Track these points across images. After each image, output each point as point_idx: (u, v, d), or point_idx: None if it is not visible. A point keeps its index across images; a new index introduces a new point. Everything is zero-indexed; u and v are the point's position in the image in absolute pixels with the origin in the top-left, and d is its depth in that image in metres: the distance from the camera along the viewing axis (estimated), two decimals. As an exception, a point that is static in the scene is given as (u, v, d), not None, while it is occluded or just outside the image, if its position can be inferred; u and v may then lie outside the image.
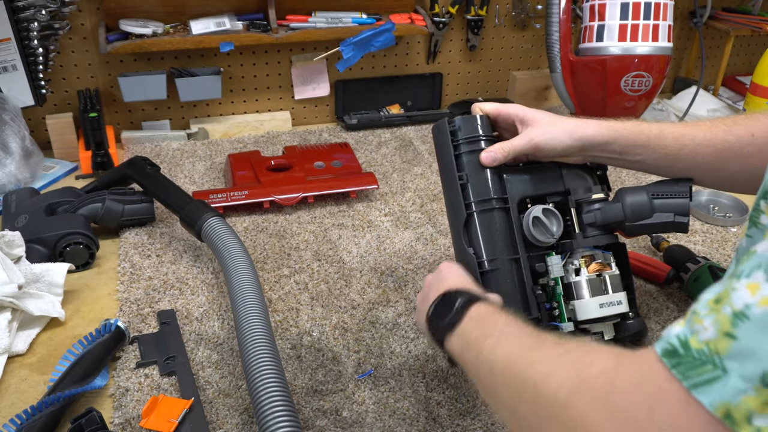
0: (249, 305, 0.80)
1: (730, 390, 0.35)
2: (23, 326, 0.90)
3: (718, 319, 0.36)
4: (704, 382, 0.36)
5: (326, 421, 0.77)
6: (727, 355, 0.35)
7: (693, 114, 1.63)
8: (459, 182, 0.82)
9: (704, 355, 0.36)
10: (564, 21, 1.35)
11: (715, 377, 0.35)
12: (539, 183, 0.82)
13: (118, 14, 1.38)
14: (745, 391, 0.34)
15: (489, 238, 0.80)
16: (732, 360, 0.35)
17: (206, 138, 1.52)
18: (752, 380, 0.34)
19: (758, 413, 0.34)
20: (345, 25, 1.47)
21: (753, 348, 0.35)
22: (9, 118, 1.28)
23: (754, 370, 0.34)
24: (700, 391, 0.36)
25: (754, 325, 0.35)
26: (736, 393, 0.34)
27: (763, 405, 0.34)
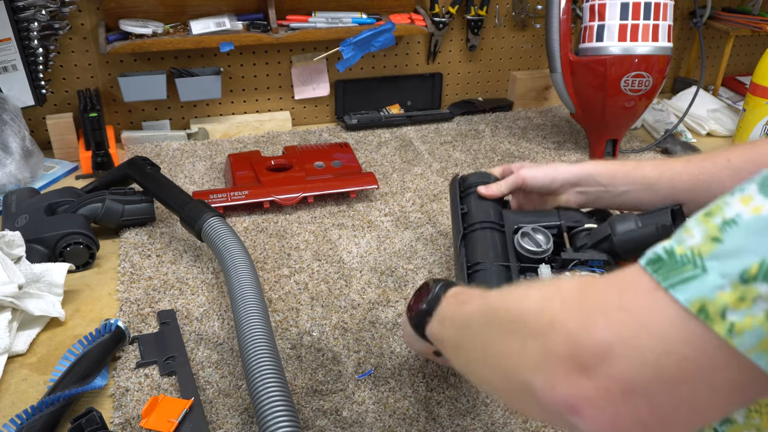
0: (249, 305, 0.80)
1: (707, 286, 0.35)
2: (23, 326, 0.90)
3: (706, 227, 0.36)
4: (682, 280, 0.36)
5: (326, 421, 0.77)
6: (710, 256, 0.35)
7: (693, 114, 1.63)
8: (460, 212, 0.93)
9: (686, 258, 0.36)
10: (564, 21, 1.35)
11: (694, 276, 0.35)
12: (535, 216, 0.89)
13: (118, 14, 1.38)
14: (722, 287, 0.34)
15: (482, 246, 0.87)
16: (713, 260, 0.35)
17: (206, 138, 1.52)
18: (730, 277, 0.34)
19: (733, 308, 0.34)
20: (345, 25, 1.47)
21: (737, 249, 0.34)
22: (9, 118, 1.28)
23: (734, 268, 0.34)
24: (677, 289, 0.36)
25: (742, 229, 0.35)
26: (713, 289, 0.34)
27: (739, 300, 0.34)
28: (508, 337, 0.45)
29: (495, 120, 1.65)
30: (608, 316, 0.38)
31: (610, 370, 0.36)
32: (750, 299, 0.33)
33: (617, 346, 0.36)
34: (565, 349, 0.38)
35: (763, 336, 0.33)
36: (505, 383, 0.45)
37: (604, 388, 0.37)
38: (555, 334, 0.40)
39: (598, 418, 0.37)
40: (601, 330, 0.37)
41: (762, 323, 0.33)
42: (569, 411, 0.38)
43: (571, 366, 0.38)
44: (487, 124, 1.63)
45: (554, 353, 0.39)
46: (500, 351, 0.45)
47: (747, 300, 0.33)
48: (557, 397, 0.39)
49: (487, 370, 0.48)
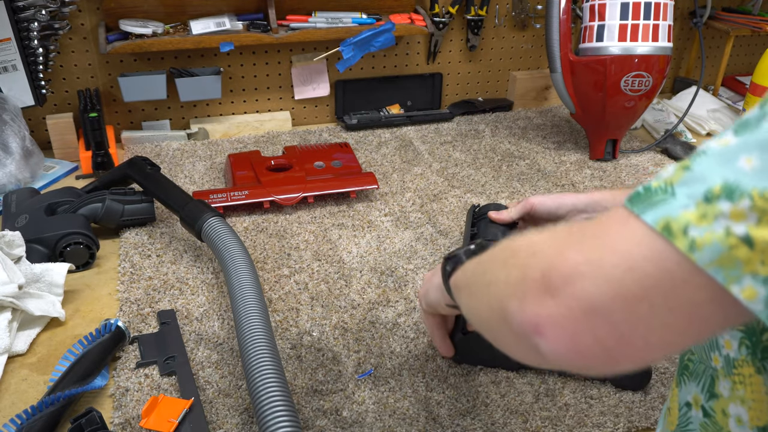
0: (249, 305, 0.80)
1: (673, 207, 0.36)
2: (23, 326, 0.90)
3: (680, 163, 0.38)
4: (651, 204, 0.37)
5: (326, 421, 0.77)
6: (679, 182, 0.37)
7: (693, 114, 1.63)
8: (470, 233, 1.00)
9: (660, 189, 0.38)
10: (564, 21, 1.35)
11: (663, 200, 0.37)
12: None
13: (118, 14, 1.38)
14: (686, 206, 0.36)
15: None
16: (682, 185, 0.37)
17: (206, 138, 1.52)
18: (695, 197, 0.36)
19: (695, 225, 0.35)
20: (345, 25, 1.47)
21: (703, 174, 0.36)
22: (9, 118, 1.28)
23: (699, 189, 0.36)
24: (646, 213, 0.37)
25: (709, 157, 0.37)
26: (677, 208, 0.36)
27: (701, 218, 0.35)
28: (499, 267, 0.47)
29: (495, 120, 1.65)
30: (582, 242, 0.39)
31: (574, 290, 0.38)
32: (711, 216, 0.35)
33: (583, 266, 0.38)
34: (539, 272, 0.40)
35: (722, 251, 0.34)
36: (488, 312, 0.47)
37: (567, 306, 0.38)
38: (533, 261, 0.42)
39: (559, 337, 0.39)
40: (572, 253, 0.39)
41: (721, 239, 0.34)
42: (533, 331, 0.40)
43: (540, 287, 0.40)
44: (487, 124, 1.63)
45: (529, 277, 0.41)
46: (489, 281, 0.48)
47: (708, 217, 0.35)
48: (524, 317, 0.40)
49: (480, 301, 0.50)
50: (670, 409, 0.61)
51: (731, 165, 0.35)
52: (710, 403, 0.55)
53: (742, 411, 0.52)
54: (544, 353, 0.40)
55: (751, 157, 0.35)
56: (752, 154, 0.35)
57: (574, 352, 0.39)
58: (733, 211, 0.34)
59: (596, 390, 0.83)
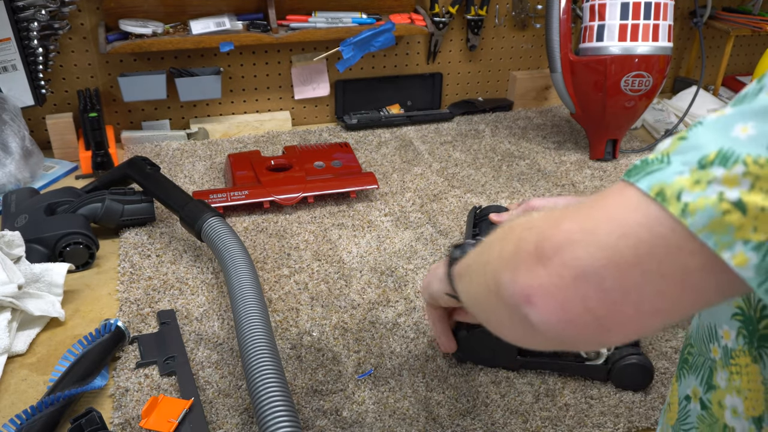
0: (249, 305, 0.80)
1: (667, 173, 0.36)
2: (23, 326, 0.90)
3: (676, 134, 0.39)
4: (647, 173, 0.37)
5: (326, 421, 0.77)
6: (674, 151, 0.37)
7: (693, 114, 1.63)
8: (472, 234, 1.00)
9: (657, 159, 0.38)
10: (564, 21, 1.35)
11: (659, 168, 0.37)
12: None
13: (118, 14, 1.38)
14: (681, 173, 0.36)
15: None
16: (677, 154, 0.37)
17: (206, 138, 1.52)
18: (690, 164, 0.36)
19: (688, 190, 0.35)
20: (345, 25, 1.47)
21: (699, 142, 0.36)
22: (9, 118, 1.28)
23: (693, 156, 0.36)
24: (641, 181, 0.37)
25: (705, 127, 0.37)
26: (672, 174, 0.36)
27: (694, 183, 0.35)
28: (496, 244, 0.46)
29: (495, 120, 1.65)
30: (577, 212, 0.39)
31: (564, 257, 0.38)
32: (705, 182, 0.35)
33: (576, 233, 0.38)
34: (532, 244, 0.40)
35: (714, 216, 0.34)
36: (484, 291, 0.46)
37: (557, 274, 0.38)
38: (528, 234, 0.41)
39: (549, 305, 0.38)
40: (566, 223, 0.39)
41: (714, 204, 0.34)
42: (524, 301, 0.39)
43: (533, 258, 0.39)
44: (487, 124, 1.62)
45: (523, 249, 0.41)
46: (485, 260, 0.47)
47: (702, 183, 0.35)
48: (515, 288, 0.40)
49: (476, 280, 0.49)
50: (671, 404, 0.61)
51: (726, 133, 0.35)
52: (708, 395, 0.55)
53: (738, 402, 0.52)
54: (534, 323, 0.40)
55: (747, 126, 0.35)
56: (748, 122, 0.35)
57: (564, 321, 0.38)
58: (726, 177, 0.34)
59: (596, 390, 0.83)
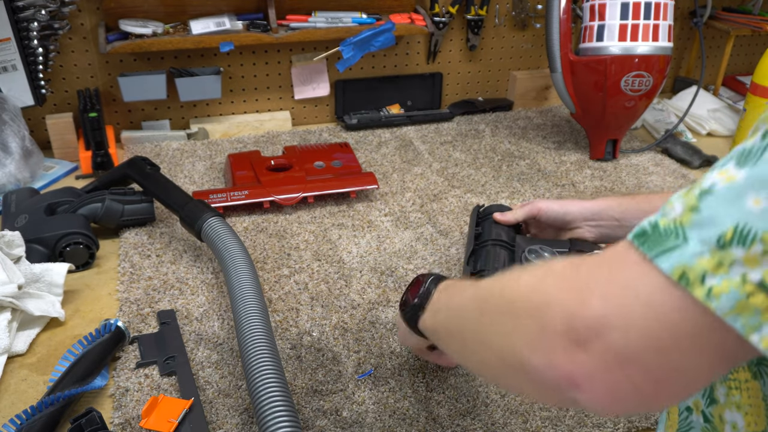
0: (249, 305, 0.80)
1: (687, 254, 0.36)
2: (23, 326, 0.90)
3: (686, 199, 0.38)
4: (666, 250, 0.37)
5: (326, 421, 0.77)
6: (690, 226, 0.36)
7: (693, 114, 1.63)
8: (474, 232, 0.98)
9: (669, 230, 0.37)
10: (564, 21, 1.35)
11: (677, 245, 0.36)
12: (548, 243, 0.91)
13: (118, 14, 1.38)
14: (701, 254, 0.35)
15: (489, 259, 0.91)
16: (693, 229, 0.36)
17: (206, 138, 1.52)
18: (708, 243, 0.35)
19: (711, 273, 0.35)
20: (345, 25, 1.47)
21: (713, 216, 0.36)
22: (9, 118, 1.28)
23: (711, 235, 0.35)
24: (660, 259, 0.37)
25: (717, 198, 0.36)
26: (692, 256, 0.36)
27: (717, 266, 0.35)
28: (503, 318, 0.45)
29: (495, 120, 1.65)
30: (601, 288, 0.39)
31: (605, 342, 0.37)
32: (727, 264, 0.34)
33: (611, 317, 0.37)
34: (562, 324, 0.39)
35: (739, 299, 0.34)
36: (500, 363, 0.46)
37: (601, 360, 0.38)
38: (550, 311, 0.40)
39: (597, 390, 0.39)
40: (595, 303, 0.38)
41: (738, 286, 0.34)
42: (569, 386, 0.39)
43: (568, 341, 0.39)
44: (487, 124, 1.62)
45: (551, 329, 0.40)
46: (495, 331, 0.46)
47: (724, 265, 0.34)
48: (556, 372, 0.40)
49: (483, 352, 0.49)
50: (669, 412, 0.61)
51: (740, 205, 0.35)
52: (710, 408, 0.55)
53: (738, 417, 0.52)
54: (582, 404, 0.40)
55: (759, 198, 0.34)
56: (760, 194, 0.34)
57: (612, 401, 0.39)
58: (747, 257, 0.34)
59: (596, 390, 0.83)
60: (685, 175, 1.41)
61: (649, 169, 1.43)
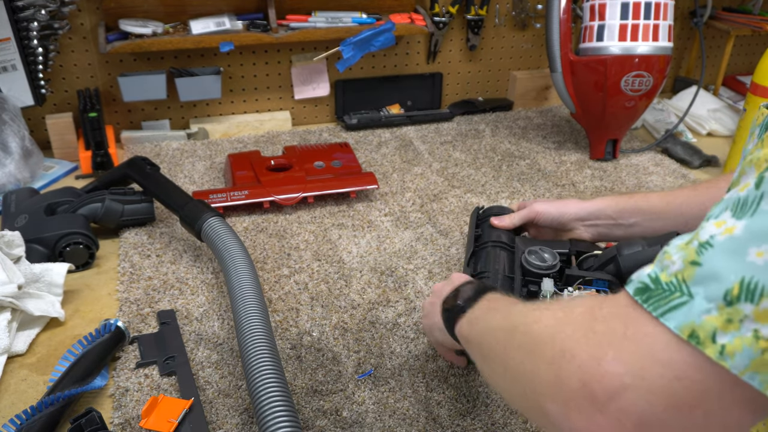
0: (249, 305, 0.80)
1: (695, 311, 0.35)
2: (23, 326, 0.90)
3: (685, 252, 0.37)
4: (672, 308, 0.36)
5: (326, 421, 0.77)
6: (693, 281, 0.36)
7: (693, 114, 1.63)
8: (474, 234, 0.98)
9: (672, 286, 0.37)
10: (564, 21, 1.35)
11: (682, 302, 0.36)
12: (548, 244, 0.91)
13: (118, 14, 1.38)
14: (708, 311, 0.35)
15: (489, 260, 0.90)
16: (697, 285, 0.36)
17: (206, 138, 1.52)
18: (715, 300, 0.35)
19: (721, 331, 0.34)
20: (345, 25, 1.47)
21: (716, 271, 0.35)
22: (9, 118, 1.28)
23: (716, 291, 0.35)
24: (667, 317, 0.36)
25: (717, 251, 0.36)
26: (700, 313, 0.35)
27: (726, 323, 0.34)
28: (524, 357, 0.46)
29: (495, 120, 1.65)
30: (615, 347, 0.38)
31: (622, 404, 0.37)
32: (737, 321, 0.34)
33: (627, 377, 0.37)
34: (578, 381, 0.39)
35: (754, 356, 0.33)
36: (522, 401, 0.46)
37: (617, 421, 0.37)
38: (567, 364, 0.40)
39: None
40: (611, 363, 0.38)
41: (751, 343, 0.33)
42: None
43: (583, 399, 0.39)
44: (487, 123, 1.62)
45: (567, 384, 0.40)
46: (518, 369, 0.47)
47: (734, 322, 0.34)
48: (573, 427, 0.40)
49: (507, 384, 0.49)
50: None
51: (742, 260, 0.34)
52: None
53: None
54: None
55: (761, 250, 0.34)
56: (762, 247, 0.34)
57: None
58: (757, 313, 0.33)
59: (596, 390, 0.82)
60: (685, 175, 1.41)
61: (649, 169, 1.43)
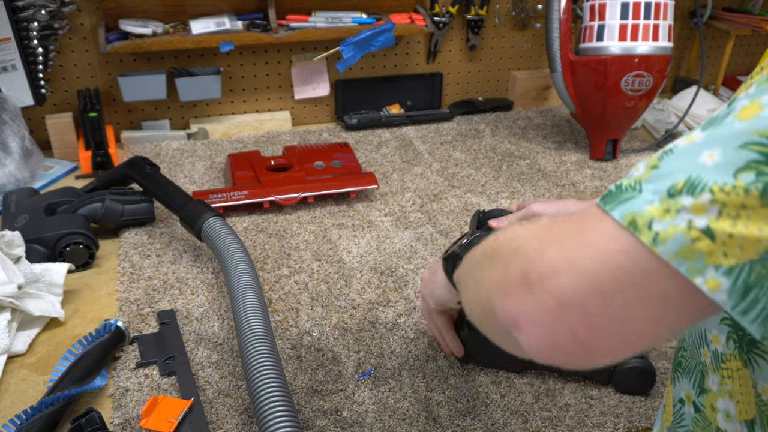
0: (249, 305, 0.80)
1: (638, 202, 0.37)
2: (23, 326, 0.90)
3: (649, 160, 0.39)
4: (620, 201, 0.38)
5: (326, 421, 0.77)
6: (646, 180, 0.38)
7: (693, 114, 1.62)
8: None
9: (630, 187, 0.39)
10: (564, 21, 1.35)
11: (631, 197, 0.38)
12: None
13: (118, 14, 1.38)
14: (651, 202, 0.37)
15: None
16: (649, 182, 0.38)
17: (206, 138, 1.52)
18: (659, 192, 0.37)
19: (658, 219, 0.36)
20: (345, 25, 1.47)
21: (669, 171, 0.37)
22: (9, 118, 1.28)
23: (663, 185, 0.37)
24: (615, 209, 0.38)
25: (676, 155, 0.38)
26: (642, 204, 0.37)
27: (664, 212, 0.36)
28: (486, 264, 0.47)
29: (495, 120, 1.65)
30: (562, 239, 0.40)
31: (549, 285, 0.39)
32: (674, 211, 0.36)
33: (560, 261, 0.39)
34: (519, 270, 0.41)
35: (684, 243, 0.35)
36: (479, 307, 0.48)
37: (542, 301, 0.39)
38: (514, 259, 0.42)
39: (536, 332, 0.40)
40: (551, 251, 0.40)
41: (683, 232, 0.35)
42: (513, 327, 0.41)
43: (519, 284, 0.41)
44: (487, 123, 1.62)
45: (511, 274, 0.42)
46: (479, 278, 0.48)
47: (671, 211, 0.36)
48: (505, 313, 0.41)
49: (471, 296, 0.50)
50: (666, 406, 0.61)
51: (694, 160, 0.36)
52: (700, 398, 0.55)
53: (731, 405, 0.52)
54: (523, 348, 0.41)
55: (714, 152, 0.36)
56: (714, 149, 0.36)
57: (551, 347, 0.40)
58: (695, 205, 0.35)
59: (596, 390, 0.83)
60: (685, 175, 1.41)
61: (649, 169, 1.43)
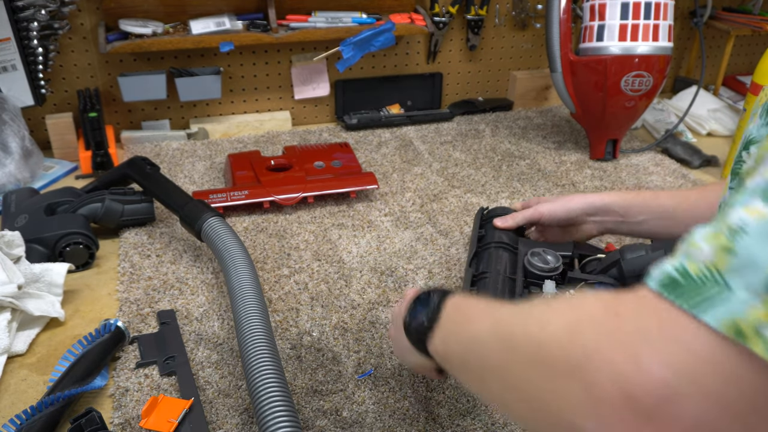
0: (249, 305, 0.80)
1: (735, 304, 0.32)
2: (23, 326, 0.90)
3: (715, 240, 0.34)
4: (708, 301, 0.33)
5: (326, 421, 0.77)
6: (728, 271, 0.33)
7: (693, 114, 1.63)
8: (478, 235, 0.99)
9: (705, 277, 0.34)
10: (564, 21, 1.35)
11: (718, 294, 0.33)
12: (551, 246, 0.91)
13: (118, 14, 1.38)
14: (750, 303, 0.32)
15: (491, 261, 0.91)
16: (733, 274, 0.33)
17: (206, 138, 1.52)
18: (756, 290, 0.32)
19: (765, 323, 0.31)
20: (345, 25, 1.47)
21: (753, 258, 0.32)
22: (9, 118, 1.28)
23: (757, 280, 0.32)
24: (703, 311, 0.33)
25: (752, 237, 0.33)
26: (741, 306, 0.32)
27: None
28: (532, 370, 0.40)
29: (495, 120, 1.65)
30: (652, 346, 0.34)
31: (673, 412, 0.33)
32: None
33: (673, 380, 0.33)
34: (616, 390, 0.34)
35: None
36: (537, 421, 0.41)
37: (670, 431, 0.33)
38: (596, 371, 0.35)
39: None
40: (651, 365, 0.33)
41: None
42: None
43: (626, 410, 0.34)
44: (487, 123, 1.62)
45: (603, 396, 0.35)
46: (525, 385, 0.41)
47: None
48: None
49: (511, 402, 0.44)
50: None
51: None
52: None
53: None
54: None
55: None
56: None
57: None
58: None
59: (596, 390, 0.82)
60: (685, 175, 1.41)
61: (649, 169, 1.43)
